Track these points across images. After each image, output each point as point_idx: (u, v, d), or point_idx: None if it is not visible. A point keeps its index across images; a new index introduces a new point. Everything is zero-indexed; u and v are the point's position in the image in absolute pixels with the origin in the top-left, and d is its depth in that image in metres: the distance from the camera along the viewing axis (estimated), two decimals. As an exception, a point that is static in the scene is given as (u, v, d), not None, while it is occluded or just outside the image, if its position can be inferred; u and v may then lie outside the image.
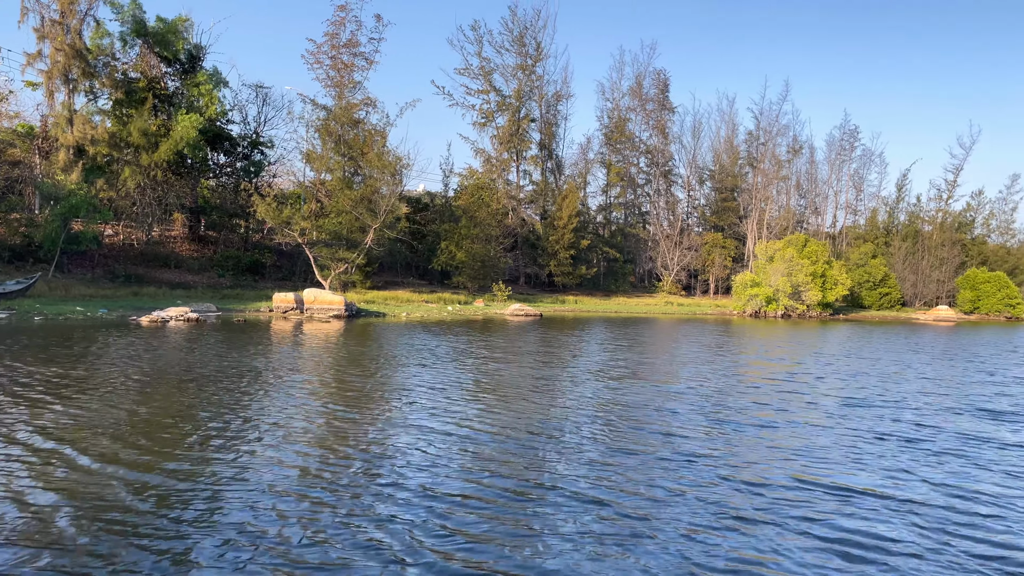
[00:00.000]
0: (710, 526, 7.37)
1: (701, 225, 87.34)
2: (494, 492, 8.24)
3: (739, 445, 10.80)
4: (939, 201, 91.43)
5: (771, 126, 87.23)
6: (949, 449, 11.17)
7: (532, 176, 73.19)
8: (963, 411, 14.65)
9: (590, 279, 71.81)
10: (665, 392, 15.63)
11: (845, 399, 15.62)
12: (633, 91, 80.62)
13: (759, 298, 64.40)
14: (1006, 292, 77.98)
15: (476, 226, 57.62)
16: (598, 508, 7.77)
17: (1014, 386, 19.26)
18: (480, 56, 67.48)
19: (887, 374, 21.06)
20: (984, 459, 10.62)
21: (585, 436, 11.01)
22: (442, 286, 60.15)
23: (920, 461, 10.29)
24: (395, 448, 10.07)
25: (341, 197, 48.60)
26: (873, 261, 78.55)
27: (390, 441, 10.47)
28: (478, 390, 15.20)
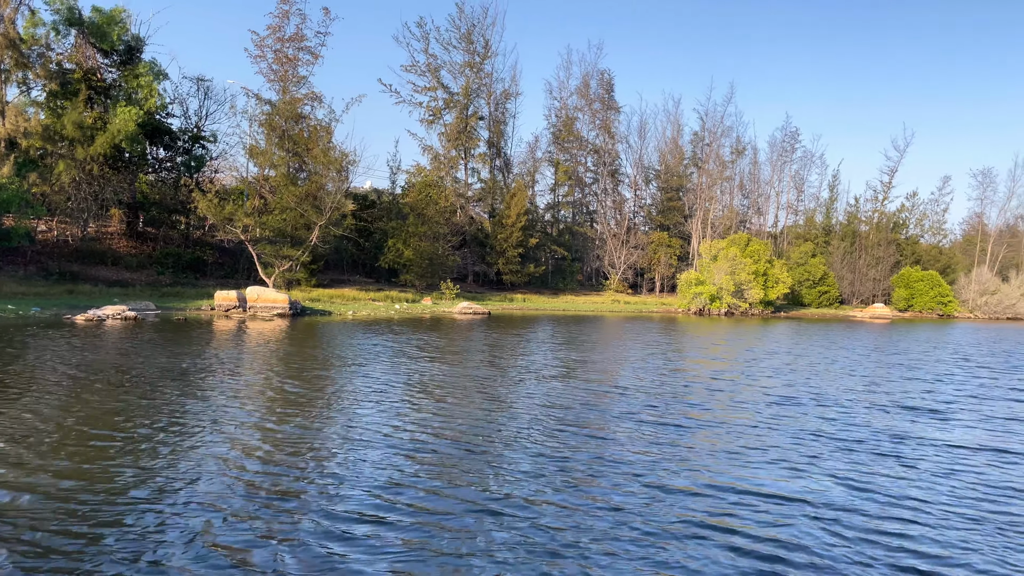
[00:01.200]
0: (619, 537, 7.07)
1: (647, 224, 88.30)
2: (429, 502, 8.00)
3: (661, 448, 10.64)
4: (875, 202, 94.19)
5: (716, 127, 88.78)
6: (870, 448, 11.23)
7: (480, 174, 73.16)
8: (887, 409, 14.90)
9: (538, 277, 72.01)
10: (599, 392, 15.57)
11: (774, 398, 15.76)
12: (580, 90, 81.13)
13: (703, 296, 65.44)
14: (938, 290, 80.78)
15: (424, 224, 57.24)
16: (520, 520, 7.48)
17: (938, 384, 19.86)
18: (427, 53, 67.19)
19: (819, 372, 21.53)
20: (904, 457, 10.70)
21: (517, 442, 10.74)
22: (389, 284, 59.63)
23: (839, 461, 10.35)
24: (332, 454, 9.79)
25: (285, 193, 47.77)
26: (813, 260, 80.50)
27: (328, 446, 10.22)
28: (421, 391, 15.01)
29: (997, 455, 11.00)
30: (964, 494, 8.89)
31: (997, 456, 10.96)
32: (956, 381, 20.24)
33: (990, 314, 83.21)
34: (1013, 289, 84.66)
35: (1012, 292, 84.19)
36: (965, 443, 11.70)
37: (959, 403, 16.00)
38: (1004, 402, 16.52)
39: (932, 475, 9.73)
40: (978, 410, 15.06)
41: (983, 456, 10.92)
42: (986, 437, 12.24)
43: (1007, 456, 10.97)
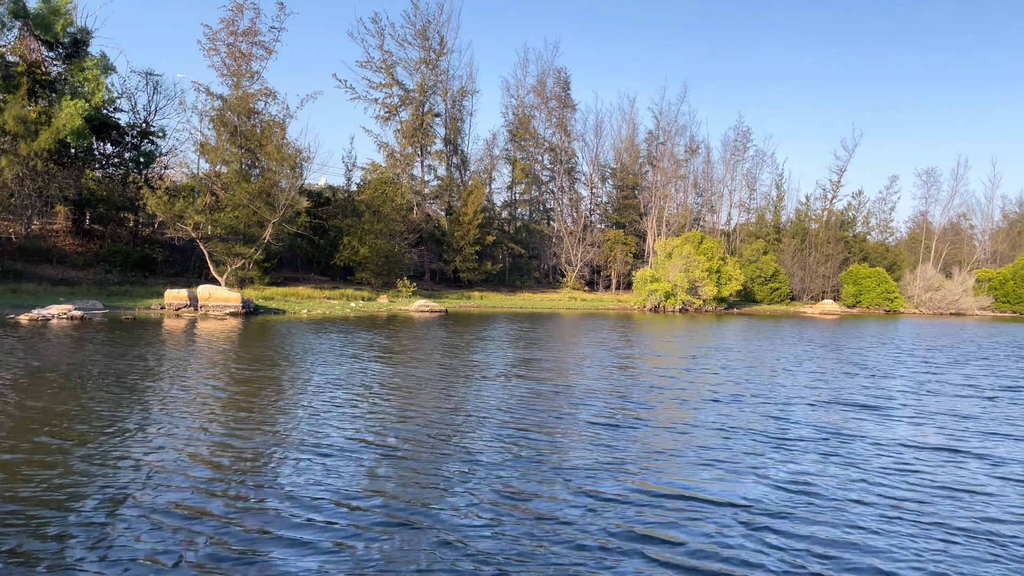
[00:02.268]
0: (543, 551, 6.70)
1: (603, 222, 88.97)
2: (351, 512, 7.76)
3: (600, 451, 10.38)
4: (825, 200, 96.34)
5: (670, 126, 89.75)
6: (811, 447, 11.16)
7: (437, 171, 72.92)
8: (830, 406, 15.06)
9: (496, 275, 72.05)
10: (546, 392, 15.38)
11: (720, 396, 15.80)
12: (537, 89, 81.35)
13: (658, 293, 66.19)
14: (885, 287, 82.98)
15: (380, 221, 56.85)
16: (440, 531, 7.16)
17: (882, 380, 20.35)
18: (382, 49, 66.67)
19: (767, 369, 21.84)
20: (845, 457, 10.59)
21: (457, 446, 10.44)
22: (345, 282, 59.12)
23: (779, 462, 10.19)
24: (282, 460, 9.50)
25: (238, 190, 47.02)
26: (764, 257, 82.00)
27: (278, 453, 9.87)
28: (370, 393, 14.82)
29: (940, 453, 11.01)
30: (905, 495, 8.78)
31: (939, 454, 10.94)
32: (900, 377, 20.68)
33: (934, 310, 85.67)
34: (956, 285, 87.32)
35: (955, 288, 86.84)
36: (908, 440, 11.77)
37: (902, 399, 16.19)
38: (946, 398, 16.89)
39: (873, 475, 9.67)
40: (920, 406, 15.24)
41: (925, 454, 10.92)
42: (930, 434, 12.35)
43: (950, 455, 10.94)
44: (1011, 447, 11.56)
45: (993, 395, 17.30)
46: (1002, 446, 11.64)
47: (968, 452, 11.11)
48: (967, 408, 15.13)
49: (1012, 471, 10.04)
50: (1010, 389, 18.62)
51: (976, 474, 9.88)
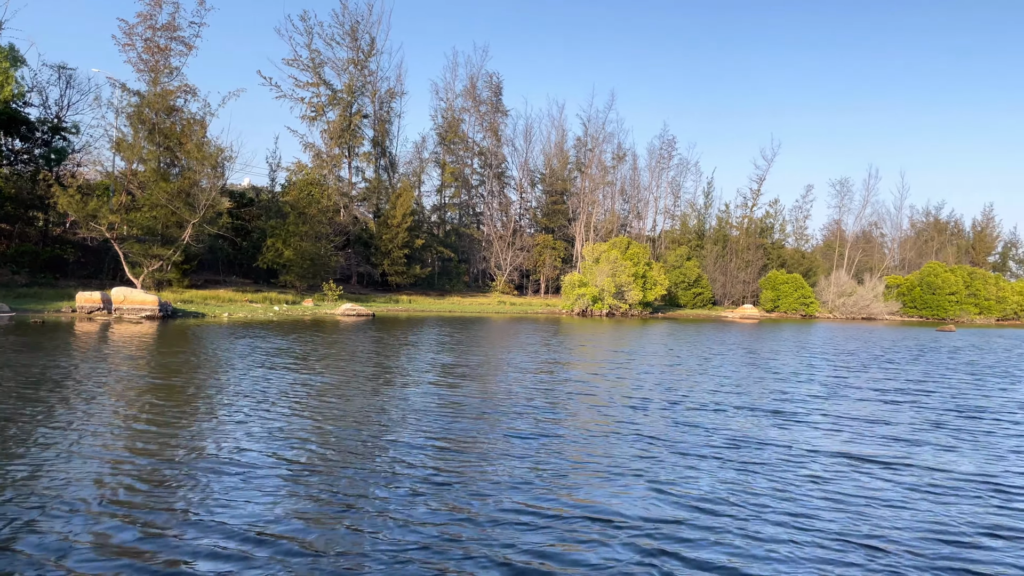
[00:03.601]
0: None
1: (533, 227, 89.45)
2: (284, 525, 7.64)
3: (503, 464, 10.04)
4: (745, 208, 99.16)
5: (598, 133, 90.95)
6: (723, 455, 10.98)
7: (365, 173, 72.09)
8: (743, 411, 15.05)
9: (424, 279, 71.56)
10: (463, 402, 14.87)
11: (636, 403, 15.59)
12: (467, 92, 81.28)
13: (586, 297, 66.87)
14: (801, 292, 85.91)
15: (305, 223, 55.73)
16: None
17: (795, 384, 20.83)
18: (310, 48, 65.49)
19: (685, 373, 22.06)
20: (752, 467, 10.36)
21: (375, 461, 9.89)
22: (268, 285, 57.74)
23: (684, 471, 9.93)
24: (191, 480, 8.79)
25: (156, 190, 45.36)
26: (688, 263, 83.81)
27: (187, 472, 9.15)
28: (289, 402, 14.24)
29: (847, 462, 10.91)
30: (810, 509, 8.54)
31: (846, 463, 10.83)
32: (812, 382, 21.14)
33: (847, 314, 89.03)
34: (867, 291, 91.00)
35: (866, 294, 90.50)
36: (818, 448, 11.76)
37: (813, 404, 16.38)
38: (855, 402, 17.29)
39: (781, 487, 9.41)
40: (829, 411, 15.42)
41: (832, 463, 10.80)
42: (839, 442, 12.38)
43: (857, 463, 10.84)
44: (915, 453, 11.69)
45: (898, 400, 17.88)
46: (909, 453, 11.74)
47: (875, 460, 11.08)
48: (875, 413, 15.39)
49: (920, 481, 9.97)
50: (912, 393, 19.35)
51: (881, 483, 9.78)
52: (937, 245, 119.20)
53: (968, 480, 10.01)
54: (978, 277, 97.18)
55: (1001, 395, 19.14)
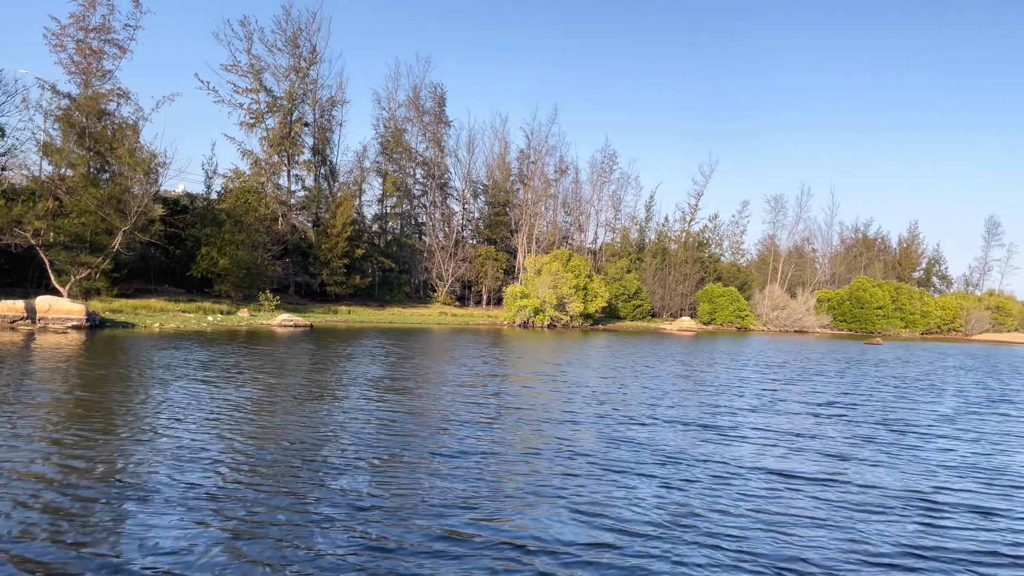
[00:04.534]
0: None
1: (475, 238, 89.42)
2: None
3: (418, 485, 9.84)
4: (683, 222, 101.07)
5: (541, 146, 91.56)
6: (640, 471, 10.95)
7: (305, 182, 71.07)
8: (674, 426, 15.14)
9: (364, 289, 70.80)
10: (395, 418, 14.57)
11: (569, 417, 15.59)
12: (410, 102, 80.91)
13: (528, 309, 67.08)
14: (737, 305, 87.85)
15: (242, 231, 54.59)
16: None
17: (728, 397, 21.27)
18: (250, 54, 64.28)
19: (618, 385, 22.34)
20: (678, 484, 10.37)
21: (302, 484, 9.55)
22: (202, 295, 56.34)
23: (610, 491, 9.89)
24: (104, 511, 8.24)
25: (85, 195, 43.84)
26: (628, 276, 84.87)
27: (99, 500, 8.65)
28: (221, 420, 13.80)
29: (777, 478, 10.92)
30: (736, 528, 8.55)
31: (777, 480, 10.86)
32: (743, 395, 21.62)
33: (780, 327, 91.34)
34: (799, 305, 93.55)
35: (799, 307, 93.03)
36: (748, 463, 11.83)
37: (743, 418, 16.75)
38: (785, 416, 17.79)
39: (706, 506, 9.34)
40: (760, 425, 15.72)
41: (761, 479, 10.82)
42: (769, 457, 12.52)
43: (785, 480, 10.97)
44: (844, 469, 11.89)
45: (828, 414, 18.39)
46: (838, 469, 11.93)
47: (803, 476, 11.18)
48: (804, 427, 15.76)
49: (848, 498, 10.02)
50: (842, 406, 19.94)
51: (810, 501, 9.78)
52: (866, 261, 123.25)
53: (895, 497, 10.15)
54: (904, 292, 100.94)
55: (927, 408, 19.86)
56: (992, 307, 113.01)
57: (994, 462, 12.68)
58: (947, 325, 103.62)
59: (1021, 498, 10.33)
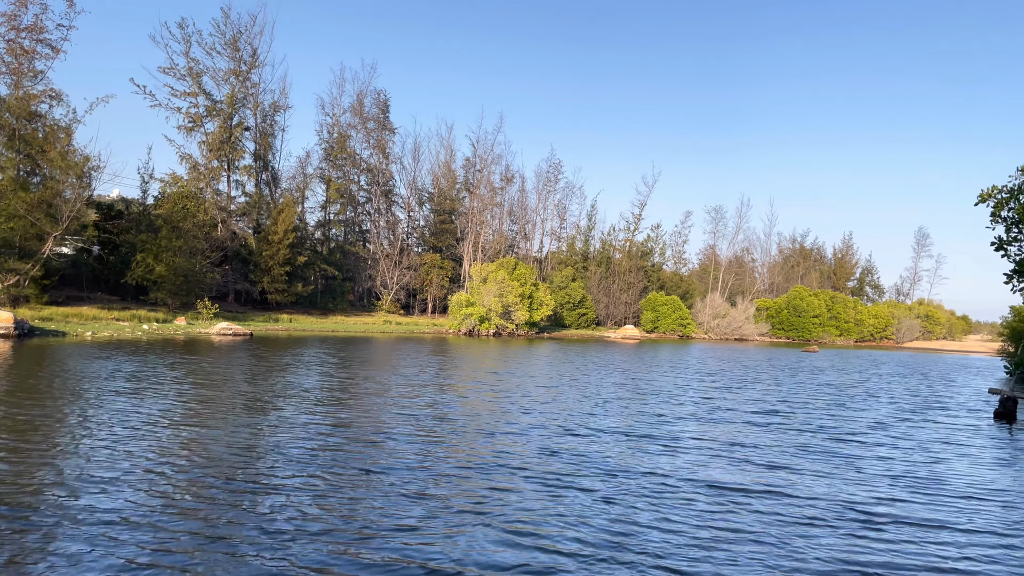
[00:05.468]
0: None
1: (420, 245, 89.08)
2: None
3: (343, 505, 9.36)
4: (627, 232, 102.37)
5: (487, 154, 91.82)
6: (575, 484, 10.74)
7: (246, 187, 69.88)
8: (607, 435, 15.03)
9: (307, 297, 69.87)
10: (330, 431, 14.02)
11: (508, 428, 15.31)
12: (354, 108, 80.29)
13: (473, 317, 67.04)
14: (679, 313, 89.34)
15: (179, 237, 53.31)
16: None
17: (667, 406, 21.53)
18: (188, 56, 62.95)
19: (560, 394, 22.32)
20: (608, 498, 10.08)
21: (221, 509, 8.87)
22: (138, 302, 54.82)
23: (532, 508, 9.50)
24: (21, 540, 7.67)
25: (14, 199, 42.32)
26: (573, 284, 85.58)
27: (16, 526, 8.15)
28: (151, 436, 13.18)
29: (715, 491, 10.75)
30: (679, 544, 8.33)
31: (715, 492, 10.67)
32: (684, 403, 21.86)
33: (721, 335, 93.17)
34: (739, 313, 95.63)
35: (738, 316, 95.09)
36: (690, 477, 11.64)
37: (683, 428, 16.80)
38: (724, 425, 18.08)
39: (644, 524, 9.07)
40: (699, 435, 15.71)
41: (699, 491, 10.66)
42: (707, 469, 12.42)
43: (721, 492, 10.73)
44: (781, 481, 11.84)
45: (766, 423, 18.75)
46: (776, 481, 11.85)
47: (739, 488, 11.00)
48: (743, 437, 15.82)
49: (785, 511, 9.85)
50: (780, 415, 20.40)
51: (747, 516, 9.59)
52: (803, 270, 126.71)
53: (834, 509, 10.04)
54: (839, 301, 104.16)
55: (862, 416, 20.38)
56: (922, 316, 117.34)
57: (930, 471, 12.77)
58: (879, 333, 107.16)
59: (956, 508, 10.40)
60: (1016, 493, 11.48)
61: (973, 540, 8.99)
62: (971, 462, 13.92)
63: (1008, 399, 21.51)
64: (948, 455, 14.59)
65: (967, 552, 8.54)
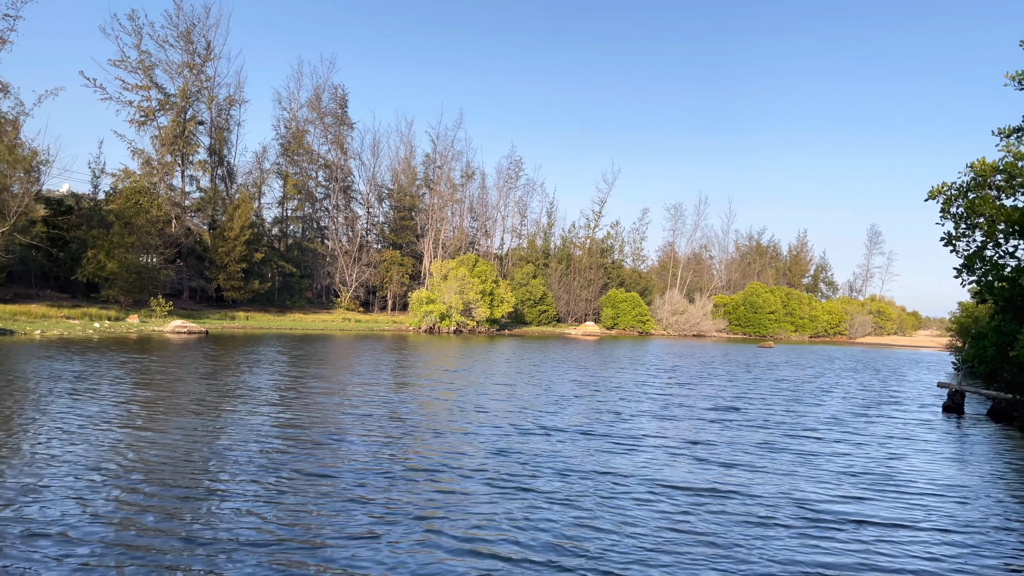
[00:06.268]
0: None
1: (380, 242, 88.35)
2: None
3: (274, 512, 8.82)
4: (587, 229, 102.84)
5: (447, 150, 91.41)
6: (527, 486, 10.39)
7: (200, 183, 68.59)
8: (563, 434, 14.80)
9: (264, 294, 68.84)
10: (281, 434, 13.41)
11: (456, 427, 14.95)
12: (312, 103, 79.25)
13: (434, 314, 66.68)
14: (639, 310, 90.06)
15: (132, 234, 52.08)
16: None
17: (626, 402, 21.58)
18: (139, 49, 61.51)
19: (518, 392, 22.16)
20: (559, 501, 9.73)
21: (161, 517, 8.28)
22: (89, 300, 53.45)
23: (479, 515, 9.03)
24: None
25: (-44, 194, 40.98)
26: (534, 281, 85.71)
27: None
28: (95, 438, 12.60)
29: (668, 491, 10.54)
30: (631, 547, 8.05)
31: (667, 492, 10.47)
32: (642, 400, 21.87)
33: (680, 331, 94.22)
34: (697, 309, 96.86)
35: (697, 312, 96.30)
36: (645, 477, 11.36)
37: (640, 426, 16.78)
38: (681, 423, 18.11)
39: (597, 530, 8.66)
40: (656, 433, 15.58)
41: (652, 492, 10.41)
42: (661, 469, 12.24)
43: (684, 493, 10.47)
44: (736, 480, 11.69)
45: (722, 420, 18.87)
46: (730, 479, 11.79)
47: (696, 488, 10.75)
48: (700, 436, 15.70)
49: (741, 511, 9.65)
50: (736, 411, 20.59)
51: (704, 516, 9.33)
52: (759, 267, 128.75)
53: (785, 508, 9.86)
54: (794, 297, 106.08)
55: (818, 412, 20.61)
56: (874, 312, 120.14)
57: (884, 467, 12.63)
58: (833, 329, 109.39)
59: (911, 505, 10.36)
60: (970, 489, 11.55)
61: (932, 538, 8.90)
62: (925, 459, 13.94)
63: (956, 393, 22.07)
64: (902, 450, 14.73)
65: (924, 551, 8.43)
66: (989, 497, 11.06)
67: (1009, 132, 21.15)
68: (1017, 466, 13.60)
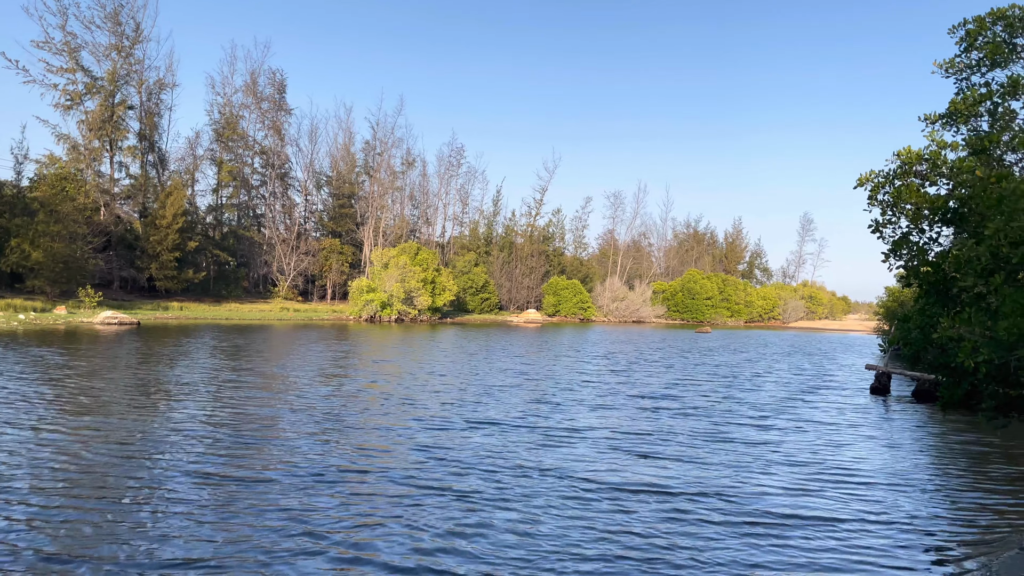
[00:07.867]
0: None
1: (319, 230, 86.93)
2: None
3: (176, 522, 7.92)
4: (529, 217, 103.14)
5: (387, 137, 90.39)
6: (450, 486, 9.75)
7: (130, 169, 66.58)
8: (496, 428, 14.28)
9: (199, 284, 67.14)
10: (166, 433, 12.30)
11: (386, 423, 14.15)
12: (248, 88, 77.31)
13: (375, 303, 66.02)
14: (580, 297, 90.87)
15: (58, 222, 50.16)
16: None
17: (563, 391, 21.67)
18: (64, 30, 59.10)
19: (454, 383, 22.11)
20: (484, 504, 8.98)
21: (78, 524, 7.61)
22: (12, 291, 51.31)
23: (394, 522, 8.15)
24: None
25: None
26: (476, 269, 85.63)
27: None
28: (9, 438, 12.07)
29: (610, 488, 10.02)
30: (567, 555, 7.34)
31: (611, 489, 9.97)
32: (580, 389, 21.95)
33: (620, 317, 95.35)
34: (637, 296, 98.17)
35: (636, 299, 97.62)
36: (578, 474, 10.78)
37: (577, 415, 16.83)
38: (618, 412, 18.24)
39: (530, 536, 7.96)
40: (593, 425, 15.42)
41: (587, 490, 9.81)
42: (596, 465, 11.95)
43: (622, 491, 9.87)
44: (672, 472, 11.49)
45: (661, 408, 18.95)
46: (669, 473, 11.69)
47: (635, 487, 10.27)
48: (638, 425, 15.57)
49: (681, 507, 9.25)
50: (672, 399, 20.88)
51: (640, 514, 8.90)
52: (696, 254, 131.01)
53: (721, 502, 9.46)
54: (730, 284, 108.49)
55: (752, 397, 20.92)
56: (806, 297, 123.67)
57: (816, 454, 12.60)
58: (767, 314, 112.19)
59: (844, 495, 10.05)
60: (903, 476, 11.47)
61: (863, 529, 8.60)
62: (861, 446, 13.71)
63: (883, 374, 22.85)
64: (836, 437, 14.34)
65: (859, 541, 8.15)
66: (922, 485, 10.90)
67: (935, 119, 21.90)
68: (945, 450, 13.96)
